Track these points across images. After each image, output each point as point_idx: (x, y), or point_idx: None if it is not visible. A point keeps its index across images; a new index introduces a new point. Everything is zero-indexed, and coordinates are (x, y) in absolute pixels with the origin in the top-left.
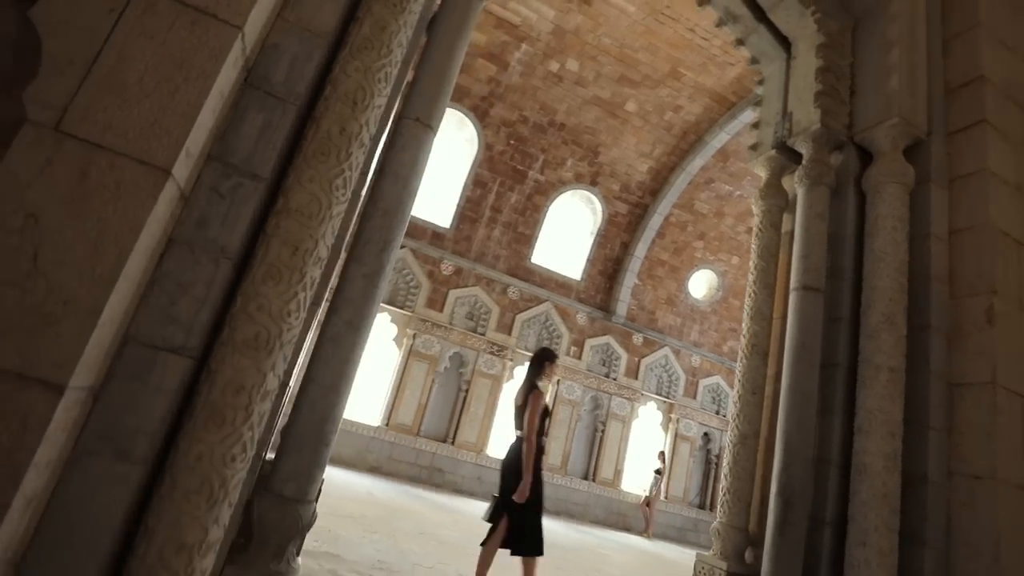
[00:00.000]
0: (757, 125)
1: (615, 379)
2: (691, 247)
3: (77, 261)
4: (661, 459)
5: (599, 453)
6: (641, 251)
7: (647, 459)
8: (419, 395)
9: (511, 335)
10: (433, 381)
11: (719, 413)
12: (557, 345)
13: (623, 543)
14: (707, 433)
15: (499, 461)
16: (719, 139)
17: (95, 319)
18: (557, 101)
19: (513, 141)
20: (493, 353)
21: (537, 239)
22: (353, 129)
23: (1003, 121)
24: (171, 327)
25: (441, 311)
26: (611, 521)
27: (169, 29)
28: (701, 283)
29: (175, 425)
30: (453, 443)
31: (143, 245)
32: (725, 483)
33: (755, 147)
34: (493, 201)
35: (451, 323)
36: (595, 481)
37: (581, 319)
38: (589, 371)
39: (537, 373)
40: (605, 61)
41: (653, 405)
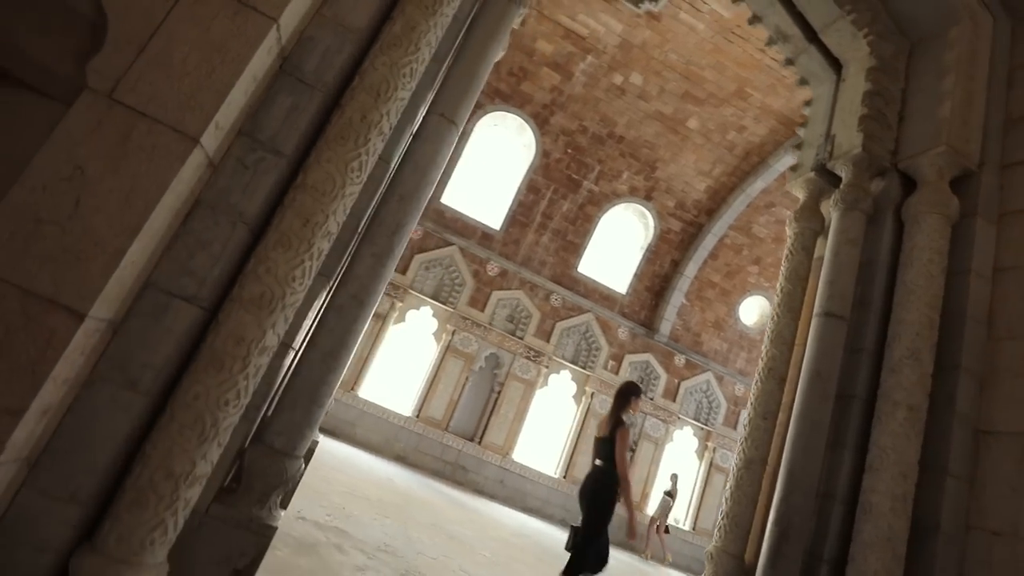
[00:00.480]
0: (800, 146)
1: (652, 399)
2: (745, 271)
3: (110, 209)
4: (673, 481)
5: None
6: (691, 271)
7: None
8: (452, 391)
9: (549, 342)
10: (467, 379)
11: None
12: (595, 358)
13: (638, 567)
14: None
15: (524, 467)
16: (783, 163)
17: (118, 260)
18: (618, 114)
19: (571, 150)
20: (529, 358)
21: (585, 249)
22: (373, 118)
23: None
24: (186, 278)
25: (482, 311)
26: (630, 543)
27: (214, 18)
28: (753, 309)
29: (182, 367)
30: (480, 443)
31: (168, 202)
32: (724, 507)
33: (795, 168)
34: (545, 207)
35: (491, 323)
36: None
37: (622, 334)
38: None
39: (623, 407)
40: (670, 77)
41: (689, 430)
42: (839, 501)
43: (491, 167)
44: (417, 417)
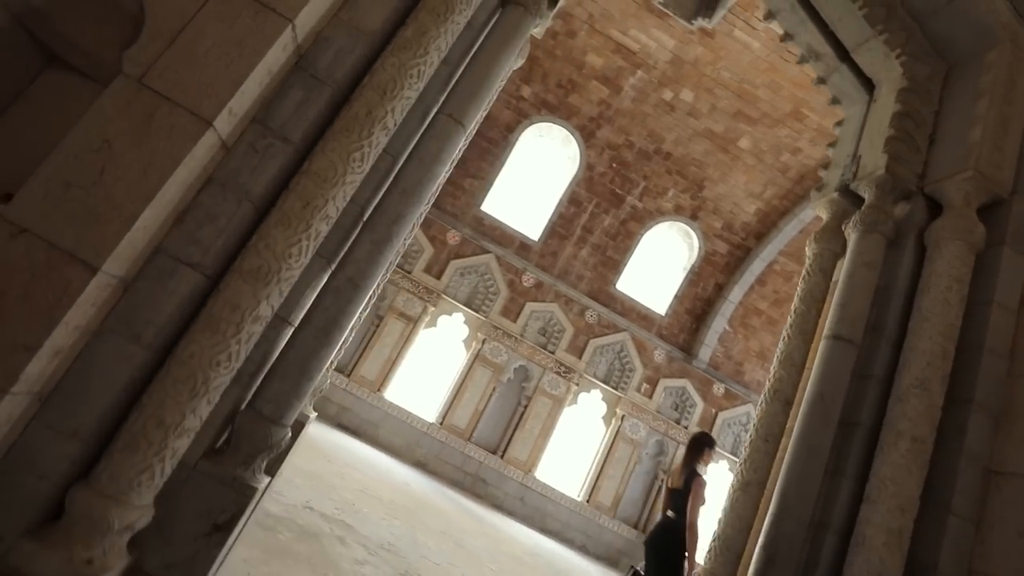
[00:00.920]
0: (827, 166)
1: (686, 427)
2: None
3: (129, 179)
4: None
5: (654, 503)
6: (737, 296)
7: (708, 523)
8: (477, 401)
9: (581, 359)
10: (494, 389)
11: None
12: (628, 379)
13: None
14: None
15: (546, 486)
16: None
17: (131, 224)
18: (666, 130)
19: (615, 164)
20: (559, 373)
21: (625, 266)
22: (378, 113)
23: None
24: (193, 247)
25: (515, 321)
26: None
27: (237, 16)
28: None
29: (182, 328)
30: (503, 457)
31: (180, 176)
32: (716, 529)
33: (820, 188)
34: (586, 221)
35: (522, 335)
36: (644, 532)
37: (659, 356)
38: (659, 413)
39: (696, 458)
40: (722, 95)
41: (725, 464)
42: (833, 531)
43: (534, 177)
44: (441, 424)
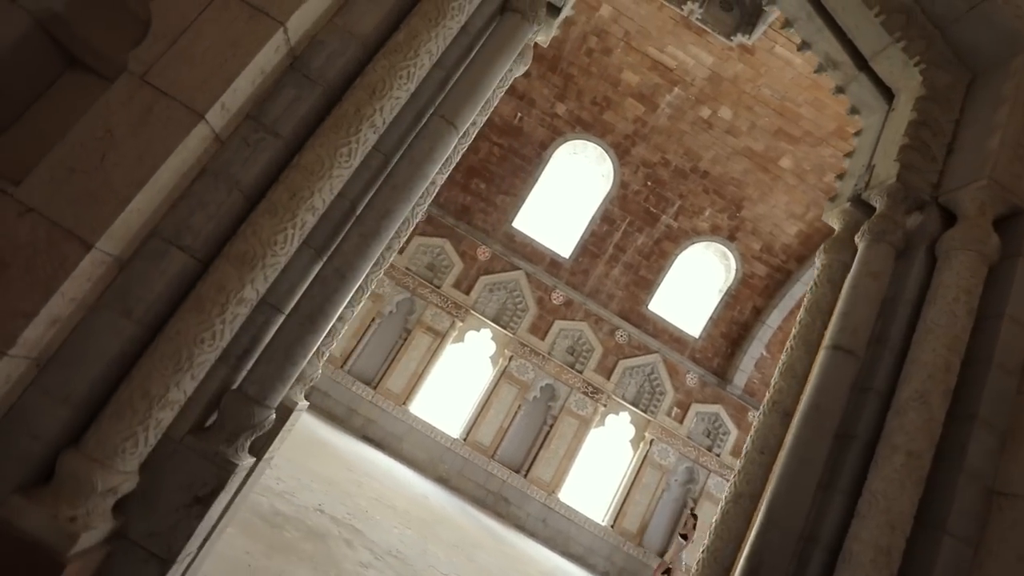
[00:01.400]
0: (842, 176)
1: (718, 455)
2: None
3: (126, 165)
4: (692, 521)
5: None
6: (775, 320)
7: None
8: (502, 418)
9: (610, 379)
10: (519, 407)
11: None
12: (658, 402)
13: None
14: None
15: (570, 509)
16: None
17: (125, 205)
18: (704, 148)
19: (650, 183)
20: (587, 394)
21: (658, 286)
22: (366, 111)
23: None
24: (184, 231)
25: (543, 339)
26: None
27: (233, 20)
28: None
29: (173, 307)
30: (526, 476)
31: (173, 163)
32: (706, 541)
33: (834, 199)
34: (619, 239)
35: (550, 353)
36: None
37: (691, 380)
38: (689, 439)
39: None
40: (762, 112)
41: None
42: (822, 547)
43: (567, 195)
44: (464, 440)
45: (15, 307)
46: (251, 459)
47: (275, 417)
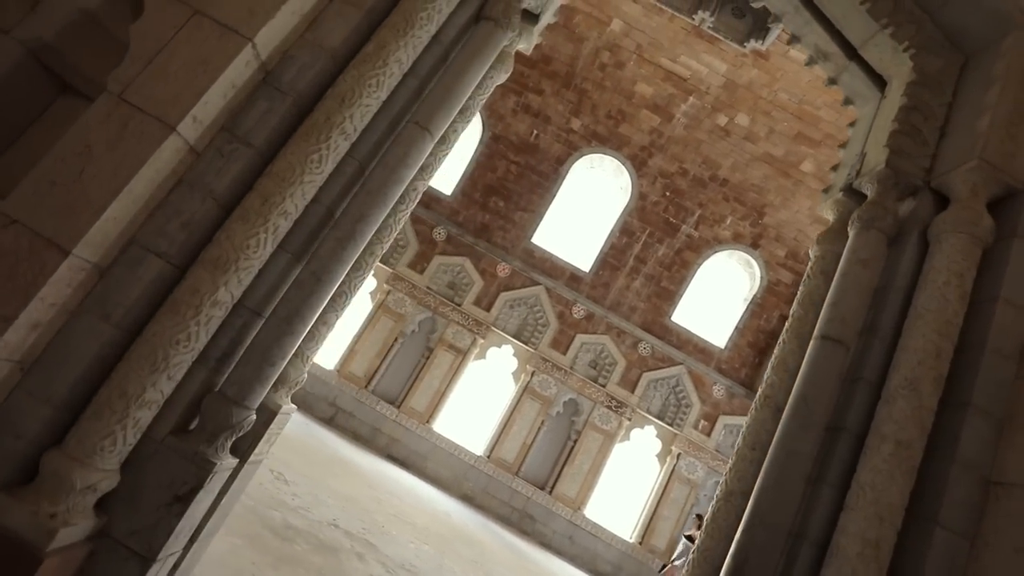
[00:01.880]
0: (836, 168)
1: None
2: None
3: (102, 177)
4: (698, 522)
5: None
6: None
7: None
8: (525, 434)
9: (634, 393)
10: (543, 423)
11: None
12: (684, 415)
13: None
14: None
15: (596, 525)
16: None
17: (100, 214)
18: (722, 156)
19: (669, 193)
20: (611, 408)
21: (681, 297)
22: (336, 119)
23: None
24: (161, 238)
25: (564, 354)
26: None
27: (205, 39)
28: None
29: (151, 312)
30: (551, 493)
31: (146, 174)
32: (698, 540)
33: (827, 190)
34: (639, 251)
35: (572, 368)
36: None
37: (718, 392)
38: (718, 452)
39: None
40: (780, 117)
41: None
42: (810, 543)
43: (585, 209)
44: (488, 457)
45: None
46: (233, 460)
47: (256, 419)
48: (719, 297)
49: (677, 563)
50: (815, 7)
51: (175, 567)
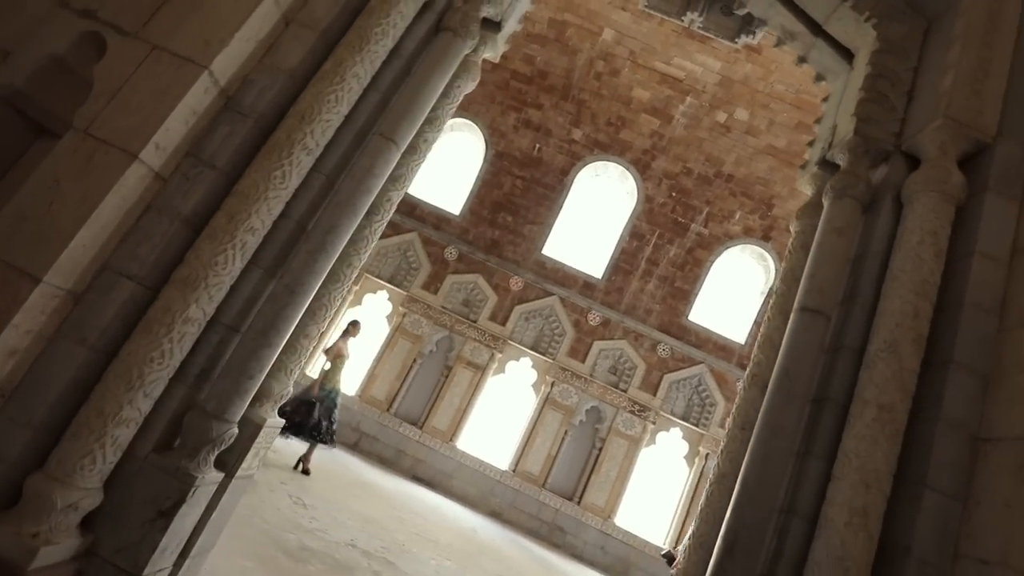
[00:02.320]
0: (812, 143)
1: None
2: None
3: (70, 207)
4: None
5: None
6: None
7: None
8: (549, 445)
9: (656, 395)
10: (566, 433)
11: None
12: (709, 415)
13: None
14: None
15: (628, 533)
16: None
17: (68, 242)
18: (725, 152)
19: (675, 193)
20: (634, 412)
21: (696, 296)
22: (297, 136)
23: None
24: (132, 262)
25: (583, 362)
26: None
27: (163, 71)
28: None
29: (126, 334)
30: (579, 503)
31: (112, 201)
32: (692, 527)
33: (804, 166)
34: (650, 253)
35: (592, 375)
36: None
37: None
38: None
39: None
40: (779, 108)
41: None
42: (801, 517)
43: (593, 216)
44: (514, 472)
45: None
46: (218, 473)
47: (241, 433)
48: (735, 293)
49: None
50: None
51: None
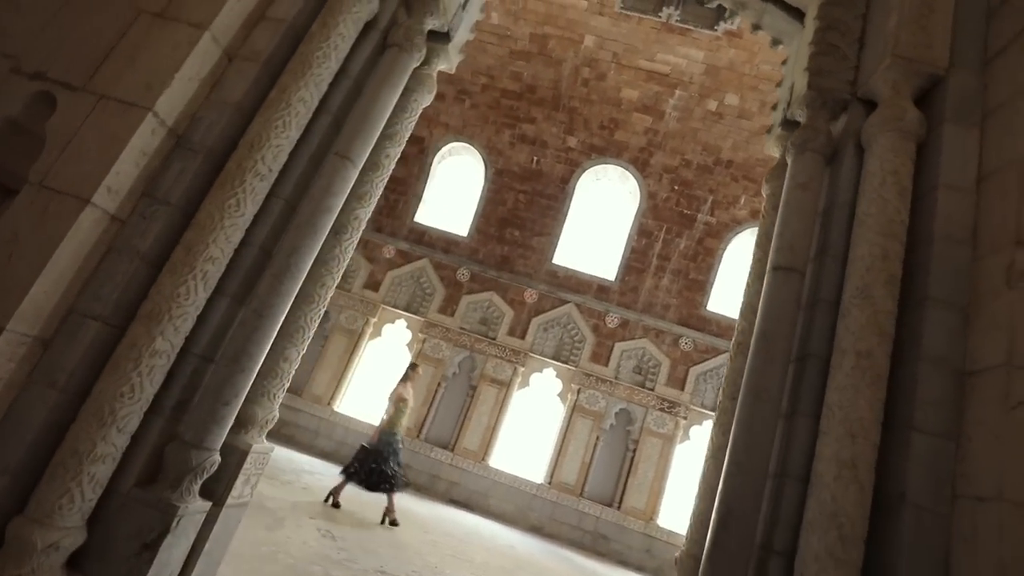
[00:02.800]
0: (775, 107)
1: None
2: None
3: (28, 256)
4: None
5: None
6: None
7: None
8: (583, 453)
9: (684, 390)
10: (598, 439)
11: None
12: None
13: None
14: None
15: (672, 533)
16: None
17: (28, 290)
18: (720, 138)
19: (677, 186)
20: (663, 410)
21: (712, 285)
22: (248, 164)
23: None
24: (97, 303)
25: (606, 365)
26: None
27: (110, 118)
28: None
29: (96, 374)
30: (619, 508)
31: (69, 246)
32: (693, 504)
33: (770, 130)
34: (660, 249)
35: (617, 377)
36: None
37: None
38: None
39: None
40: (768, 88)
41: None
42: (794, 478)
43: (599, 220)
44: (549, 484)
45: None
46: (204, 502)
47: (227, 460)
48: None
49: None
50: None
51: None
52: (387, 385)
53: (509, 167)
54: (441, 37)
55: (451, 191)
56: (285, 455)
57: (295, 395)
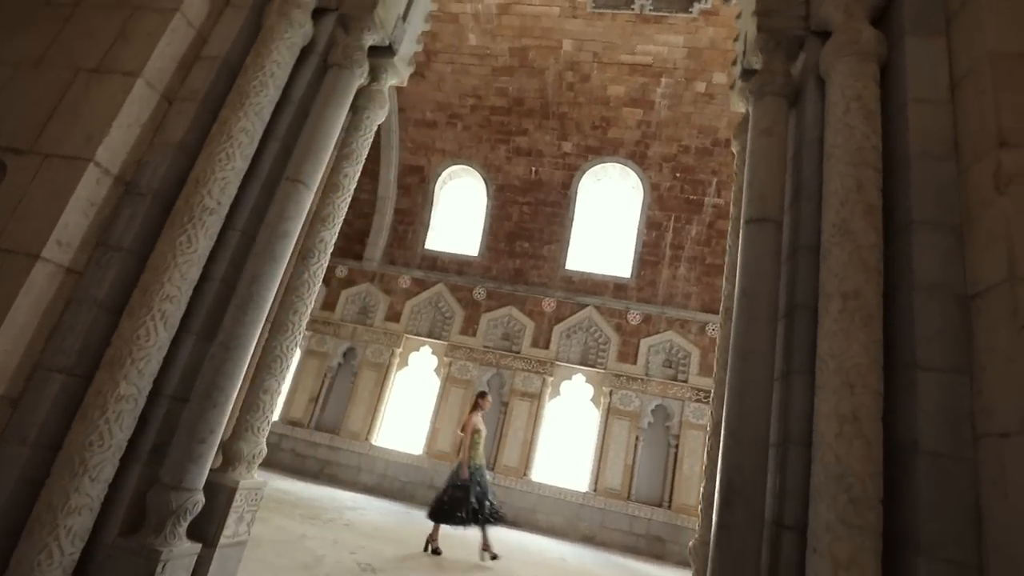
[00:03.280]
0: (734, 62)
1: None
2: None
3: None
4: None
5: None
6: None
7: None
8: (624, 455)
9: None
10: (638, 439)
11: None
12: None
13: None
14: None
15: None
16: None
17: None
18: (715, 119)
19: (679, 173)
20: (700, 400)
21: None
22: (195, 199)
23: None
24: (60, 355)
25: (635, 363)
26: None
27: (55, 174)
28: None
29: (66, 425)
30: (670, 507)
31: (23, 303)
32: (702, 487)
33: (732, 86)
34: (672, 239)
35: (647, 374)
36: None
37: None
38: None
39: None
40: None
41: None
42: (798, 444)
43: (606, 219)
44: (595, 491)
45: None
46: (192, 544)
47: (214, 499)
48: None
49: None
50: None
51: None
52: (421, 413)
53: (509, 181)
54: (385, 52)
55: (457, 214)
56: (328, 493)
57: (333, 434)
